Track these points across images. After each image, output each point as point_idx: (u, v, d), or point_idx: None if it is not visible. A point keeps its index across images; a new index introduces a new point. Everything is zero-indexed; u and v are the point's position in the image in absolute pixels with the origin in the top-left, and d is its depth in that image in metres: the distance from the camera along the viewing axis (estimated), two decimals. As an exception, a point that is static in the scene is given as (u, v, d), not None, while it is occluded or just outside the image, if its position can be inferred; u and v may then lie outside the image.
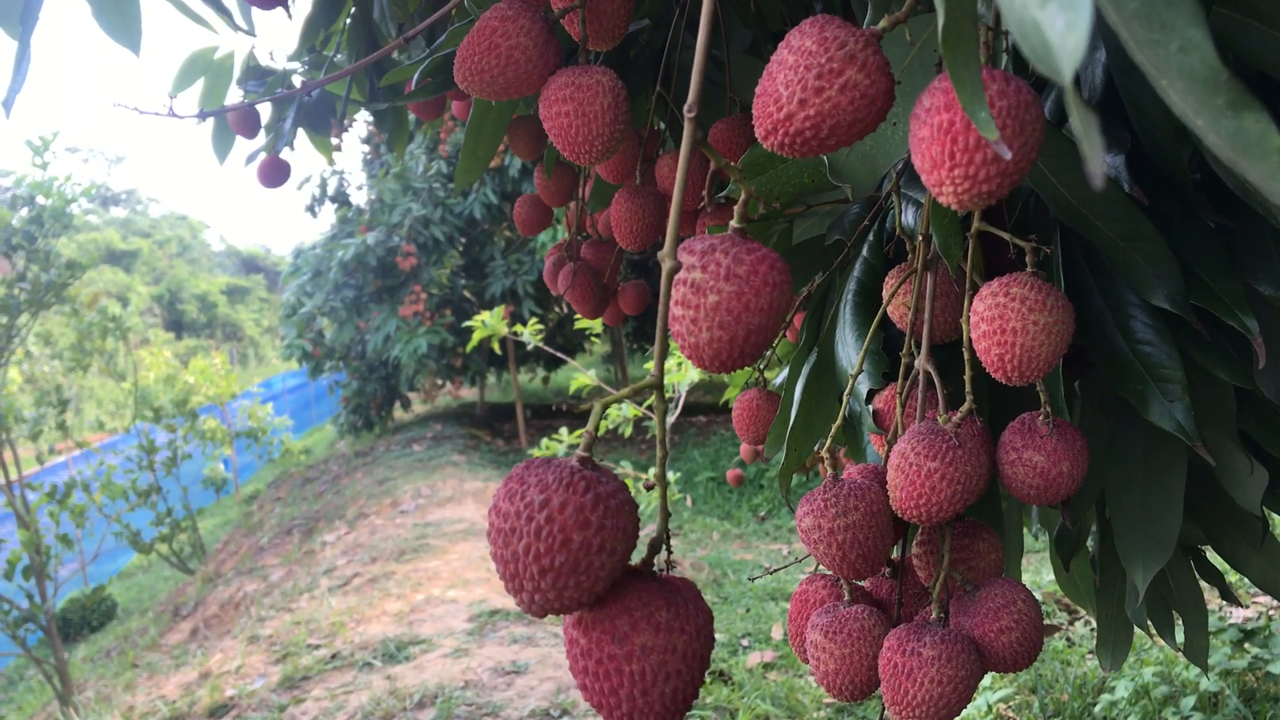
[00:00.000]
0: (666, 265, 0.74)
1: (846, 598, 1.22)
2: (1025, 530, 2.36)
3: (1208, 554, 1.82)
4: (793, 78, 0.82)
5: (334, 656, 6.29)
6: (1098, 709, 5.05)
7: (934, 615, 1.15)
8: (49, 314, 11.64)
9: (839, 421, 1.25)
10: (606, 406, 0.72)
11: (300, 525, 12.22)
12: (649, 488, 0.77)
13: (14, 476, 9.66)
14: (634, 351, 19.80)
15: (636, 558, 0.78)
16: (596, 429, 0.72)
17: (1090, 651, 5.87)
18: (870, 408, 1.35)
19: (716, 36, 1.85)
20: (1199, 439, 1.20)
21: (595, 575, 0.70)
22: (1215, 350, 1.27)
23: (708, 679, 5.73)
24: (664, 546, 0.78)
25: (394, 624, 6.76)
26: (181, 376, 15.95)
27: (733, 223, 0.79)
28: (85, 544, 12.05)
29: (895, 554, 1.33)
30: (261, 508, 15.86)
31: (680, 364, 7.70)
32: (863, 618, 1.16)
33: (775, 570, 1.59)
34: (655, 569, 0.78)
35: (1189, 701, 4.74)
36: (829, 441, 1.22)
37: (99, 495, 11.42)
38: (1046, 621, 6.28)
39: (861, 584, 1.30)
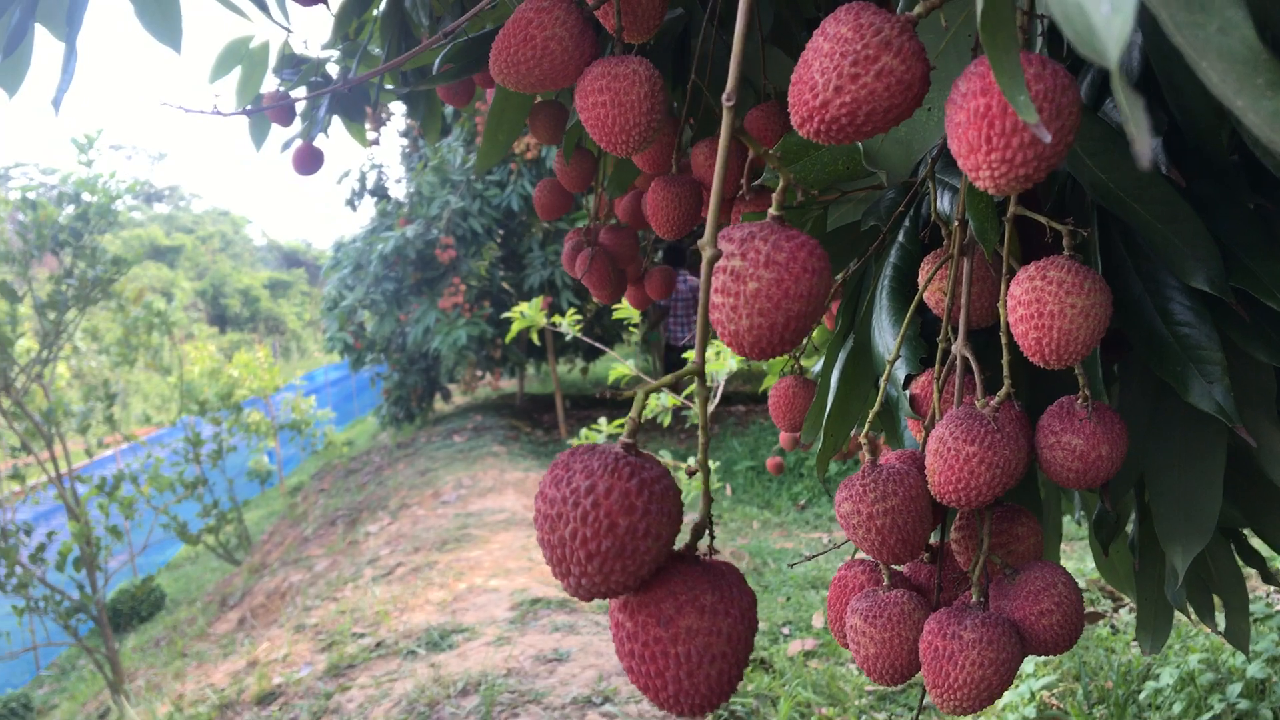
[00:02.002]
0: (707, 253, 0.75)
1: (886, 582, 1.22)
2: (1068, 516, 2.35)
3: (1249, 537, 1.80)
4: (828, 65, 0.83)
5: (378, 645, 6.35)
6: (1142, 696, 5.00)
7: (974, 599, 1.15)
8: (95, 309, 11.81)
9: (876, 407, 1.25)
10: (649, 393, 0.74)
11: (344, 516, 12.34)
12: (691, 473, 0.79)
13: (64, 470, 9.82)
14: (672, 340, 19.78)
15: (680, 543, 0.79)
16: (640, 415, 0.73)
17: (1135, 640, 5.82)
18: (907, 393, 1.35)
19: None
20: (1239, 420, 1.19)
21: (640, 559, 0.71)
22: (1255, 332, 1.26)
23: (749, 668, 5.73)
24: (707, 531, 0.79)
25: (437, 613, 6.82)
26: (226, 370, 16.14)
27: (771, 210, 0.80)
28: (134, 535, 12.25)
29: (935, 539, 1.34)
30: (306, 499, 16.02)
31: (719, 353, 7.69)
32: (902, 602, 1.17)
33: (814, 556, 1.60)
34: (699, 553, 0.79)
35: (1235, 689, 4.68)
36: (866, 427, 1.23)
37: (146, 487, 11.59)
38: (1090, 609, 6.24)
39: (900, 569, 1.30)
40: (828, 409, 1.49)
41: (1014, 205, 1.18)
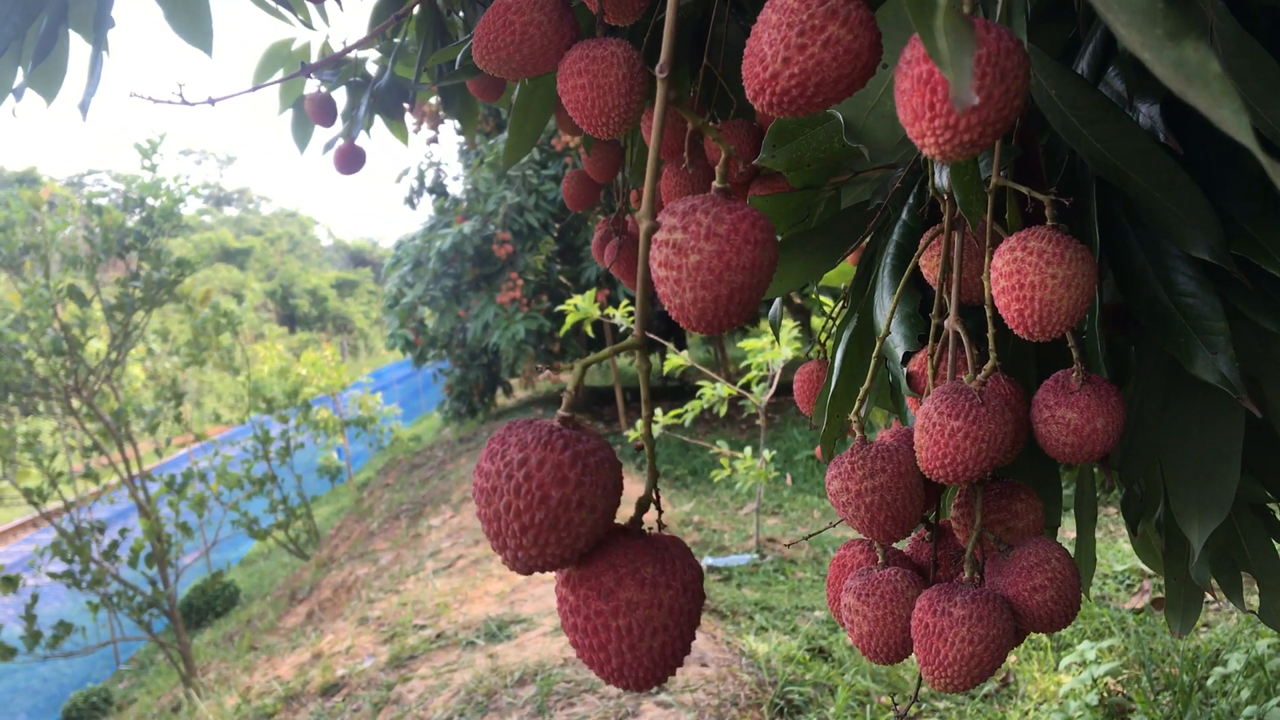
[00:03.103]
0: (644, 226, 0.75)
1: (880, 560, 1.21)
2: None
3: (1278, 514, 1.76)
4: (776, 36, 0.82)
5: (439, 636, 6.43)
6: (1210, 682, 4.90)
7: (966, 575, 1.14)
8: (165, 311, 12.08)
9: (868, 384, 1.24)
10: (587, 366, 0.74)
11: (408, 510, 12.50)
12: (638, 449, 0.79)
13: (135, 469, 10.06)
14: (732, 331, 19.68)
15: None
16: (577, 388, 0.73)
17: (1204, 624, 5.71)
18: (905, 370, 1.34)
19: (757, 4, 1.84)
20: (1243, 391, 1.16)
21: (575, 531, 0.71)
22: (1263, 301, 1.23)
23: (807, 656, 5.71)
24: (653, 505, 0.79)
25: (496, 604, 6.88)
26: (294, 369, 16.45)
27: (715, 183, 0.79)
28: (207, 532, 12.54)
29: (945, 516, 1.32)
30: (372, 494, 16.26)
31: (772, 342, 7.65)
32: (895, 580, 1.16)
33: (812, 535, 1.58)
34: (645, 528, 0.79)
35: (1307, 673, 4.57)
36: (858, 404, 1.22)
37: (216, 485, 11.83)
38: (1158, 595, 6.11)
39: (901, 548, 1.29)
40: (831, 389, 1.48)
41: (996, 177, 1.16)
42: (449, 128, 18.50)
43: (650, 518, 0.79)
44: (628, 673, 0.74)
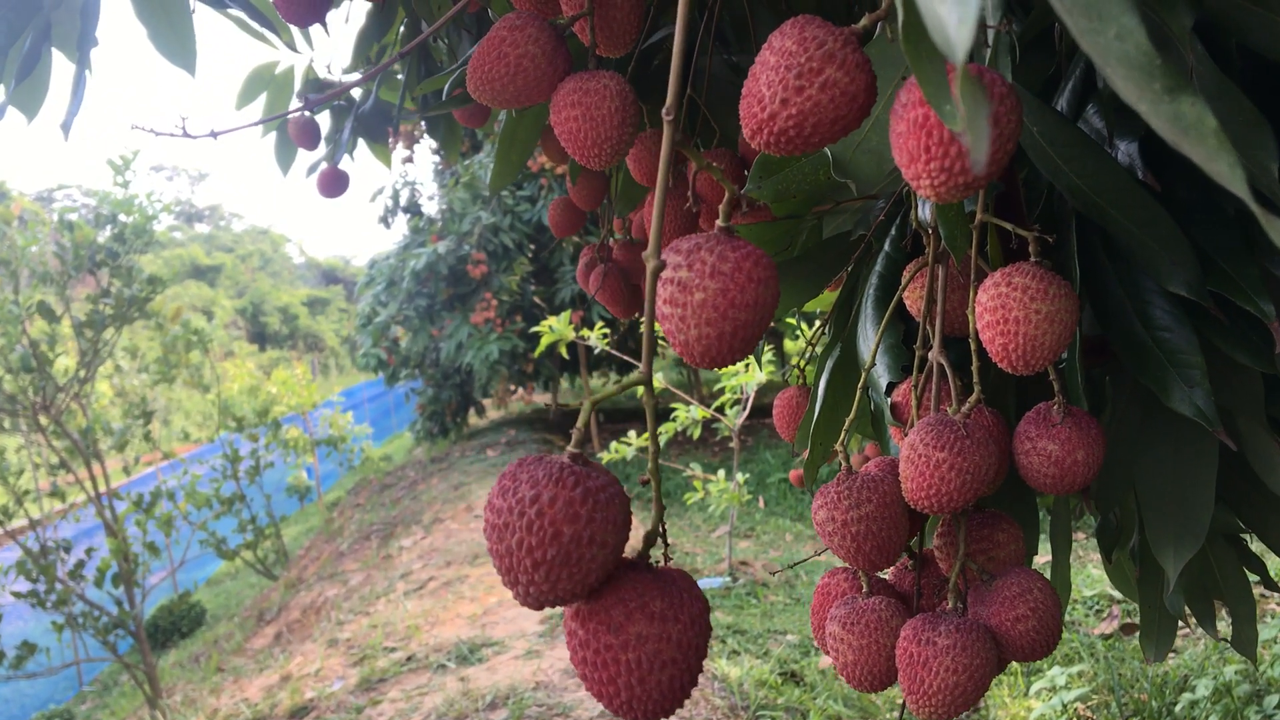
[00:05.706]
0: (651, 265, 0.77)
1: (865, 589, 1.23)
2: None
3: (1250, 542, 1.79)
4: (774, 78, 0.84)
5: (409, 659, 6.39)
6: (1178, 708, 4.94)
7: (950, 605, 1.16)
8: (135, 328, 11.96)
9: (852, 414, 1.26)
10: (596, 403, 0.75)
11: (379, 531, 12.42)
12: (644, 483, 0.80)
13: (103, 488, 9.95)
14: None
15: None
16: (586, 426, 0.75)
17: (1172, 650, 5.76)
18: (889, 401, 1.36)
19: (745, 40, 1.87)
20: (1219, 424, 1.19)
21: (587, 567, 0.72)
22: (1237, 335, 1.26)
23: (779, 680, 5.72)
24: (660, 540, 0.80)
25: (467, 626, 6.85)
26: (264, 387, 16.34)
27: (718, 221, 0.81)
28: (174, 552, 12.41)
29: (927, 545, 1.34)
30: (342, 514, 16.14)
31: (747, 365, 7.68)
32: (880, 609, 1.17)
33: (794, 565, 1.60)
34: (651, 561, 0.80)
35: (1273, 700, 4.63)
36: (842, 434, 1.24)
37: (184, 504, 11.72)
38: (1127, 620, 6.17)
39: (884, 577, 1.31)
40: (815, 417, 1.50)
41: (981, 212, 1.18)
42: (424, 147, 18.53)
43: (655, 551, 0.81)
44: (637, 705, 0.75)
